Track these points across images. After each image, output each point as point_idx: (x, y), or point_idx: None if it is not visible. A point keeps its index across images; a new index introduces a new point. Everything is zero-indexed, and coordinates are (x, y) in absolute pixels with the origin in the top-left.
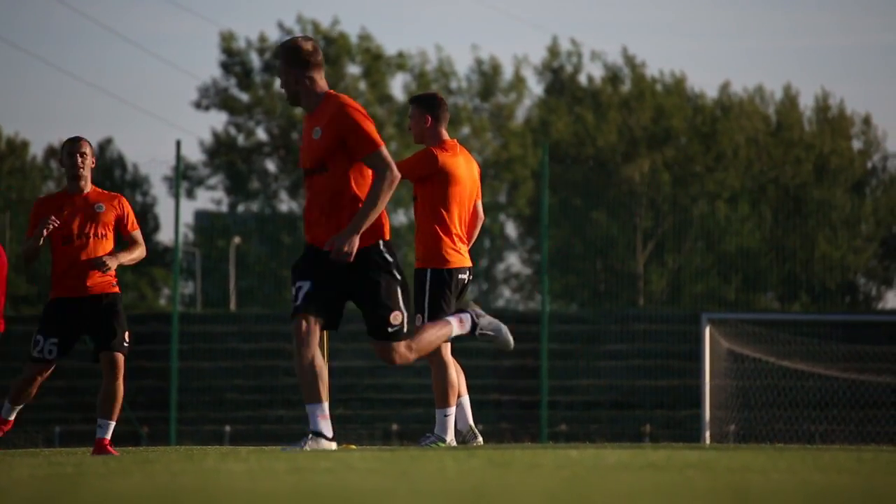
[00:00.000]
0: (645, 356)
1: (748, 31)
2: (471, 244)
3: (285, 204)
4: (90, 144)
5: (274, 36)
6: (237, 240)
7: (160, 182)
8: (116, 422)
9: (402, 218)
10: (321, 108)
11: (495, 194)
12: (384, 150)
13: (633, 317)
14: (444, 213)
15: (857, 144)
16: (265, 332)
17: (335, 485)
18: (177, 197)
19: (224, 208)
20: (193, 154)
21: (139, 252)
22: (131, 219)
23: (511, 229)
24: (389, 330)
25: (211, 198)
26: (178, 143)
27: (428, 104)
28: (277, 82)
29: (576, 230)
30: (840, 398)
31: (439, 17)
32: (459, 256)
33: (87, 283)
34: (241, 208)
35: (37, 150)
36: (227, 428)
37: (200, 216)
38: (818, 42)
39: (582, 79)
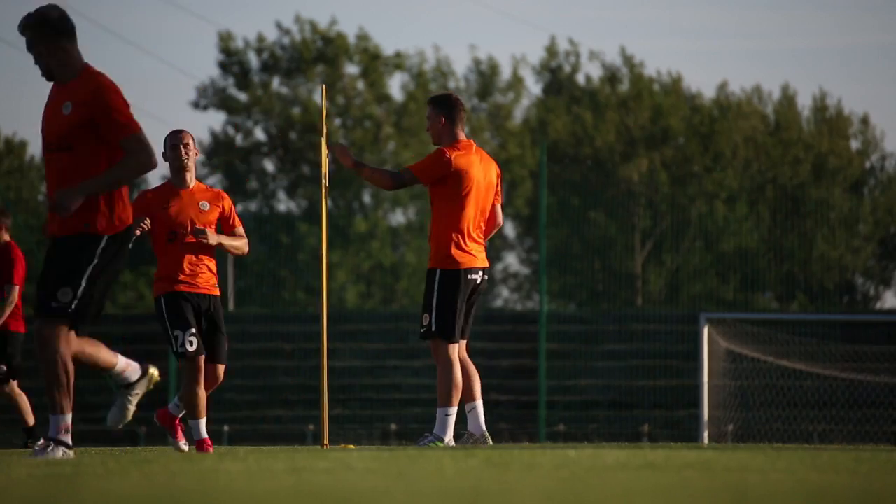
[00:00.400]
0: (643, 356)
1: (746, 31)
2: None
3: (283, 204)
4: (192, 136)
5: (272, 36)
6: None
7: (158, 182)
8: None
9: (399, 218)
10: (76, 84)
11: None
12: (142, 135)
13: (632, 317)
14: (456, 213)
15: (855, 144)
16: (263, 332)
17: (333, 485)
18: None
19: None
20: None
21: (242, 243)
22: (234, 216)
23: (509, 229)
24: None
25: None
26: None
27: (442, 104)
28: (275, 82)
29: (574, 230)
30: (838, 398)
31: (437, 17)
32: (471, 257)
33: (195, 282)
34: (239, 208)
35: (35, 150)
36: (226, 428)
37: None
38: (816, 42)
39: (580, 79)
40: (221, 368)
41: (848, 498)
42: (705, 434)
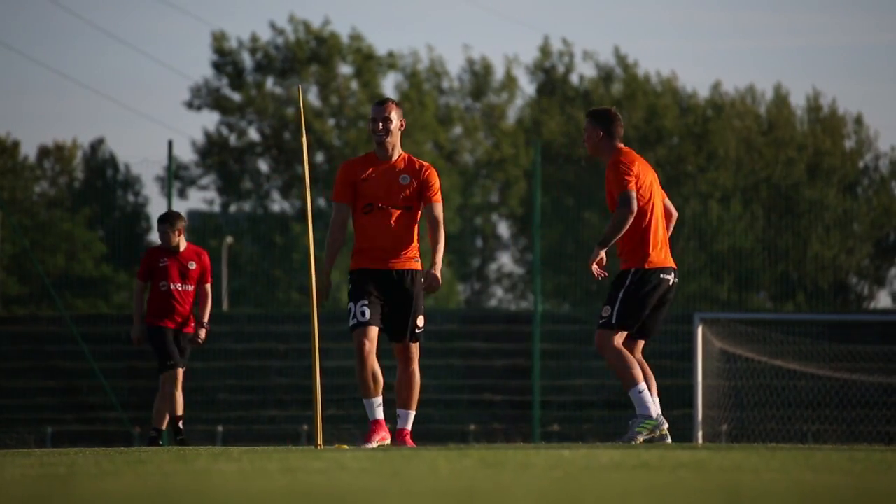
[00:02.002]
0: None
1: (739, 31)
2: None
3: (277, 204)
4: (398, 106)
5: (266, 36)
6: (229, 240)
7: (152, 182)
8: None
9: None
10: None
11: (487, 194)
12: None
13: None
14: (645, 214)
15: (849, 144)
16: (257, 332)
17: (327, 485)
18: (169, 197)
19: (216, 208)
20: (185, 154)
21: (440, 232)
22: (435, 190)
23: (503, 229)
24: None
25: (203, 198)
26: (170, 143)
27: (600, 118)
28: (269, 82)
29: (568, 230)
30: (832, 398)
31: (431, 17)
32: (662, 258)
33: (389, 258)
34: (233, 208)
35: (28, 150)
36: (220, 428)
37: (192, 216)
38: (809, 41)
39: (574, 79)
40: (412, 347)
41: (842, 498)
42: (699, 434)
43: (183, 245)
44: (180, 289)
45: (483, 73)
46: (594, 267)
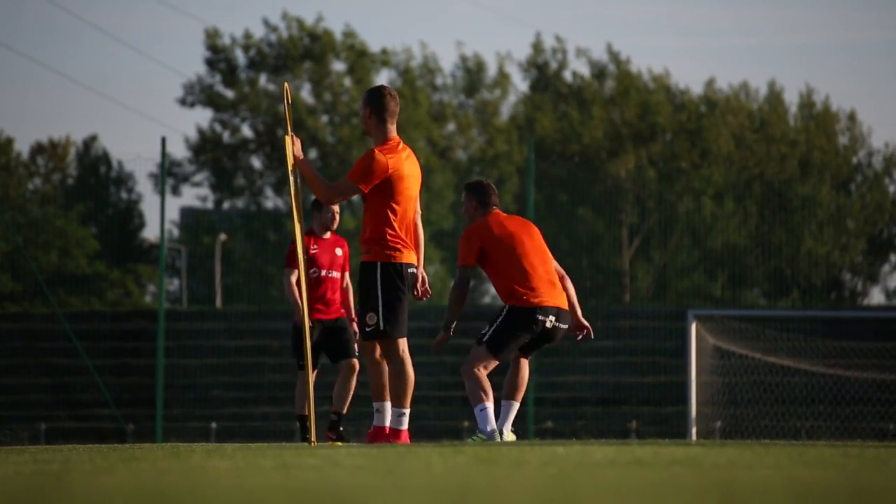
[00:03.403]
0: (631, 353)
1: (733, 28)
2: None
3: (271, 201)
4: None
5: (259, 33)
6: (223, 237)
7: (145, 179)
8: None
9: None
10: None
11: None
12: None
13: (619, 313)
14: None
15: (842, 140)
16: (251, 329)
17: (322, 481)
18: (162, 194)
19: (209, 205)
20: (179, 151)
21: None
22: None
23: None
24: None
25: (196, 195)
26: (164, 140)
27: (470, 188)
28: (262, 78)
29: (561, 226)
30: (826, 394)
31: (424, 14)
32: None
33: None
34: (226, 205)
35: (22, 147)
36: (213, 425)
37: (186, 213)
38: (803, 38)
39: (567, 75)
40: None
41: (836, 494)
42: (693, 430)
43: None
44: (333, 275)
45: (476, 69)
46: (436, 344)
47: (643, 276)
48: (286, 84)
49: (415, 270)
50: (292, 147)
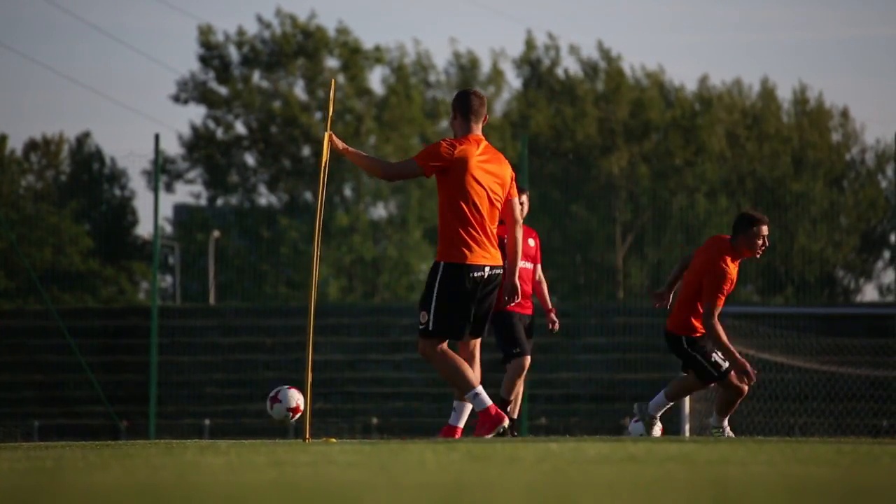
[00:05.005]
0: (624, 349)
1: (726, 24)
2: None
3: (264, 198)
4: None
5: (253, 29)
6: (216, 234)
7: (139, 176)
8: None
9: (381, 212)
10: None
11: None
12: None
13: (613, 310)
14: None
15: (835, 137)
16: (244, 325)
17: (315, 478)
18: (155, 191)
19: (203, 202)
20: (172, 148)
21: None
22: None
23: None
24: None
25: (190, 192)
26: (157, 137)
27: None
28: (256, 75)
29: (555, 223)
30: (819, 391)
31: (417, 11)
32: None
33: None
34: (220, 202)
35: (15, 144)
36: (207, 422)
37: (179, 210)
38: (796, 35)
39: (559, 72)
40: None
41: (829, 490)
42: (686, 427)
43: None
44: (525, 266)
45: (470, 66)
46: None
47: (636, 272)
48: (333, 81)
49: (486, 273)
50: (331, 145)
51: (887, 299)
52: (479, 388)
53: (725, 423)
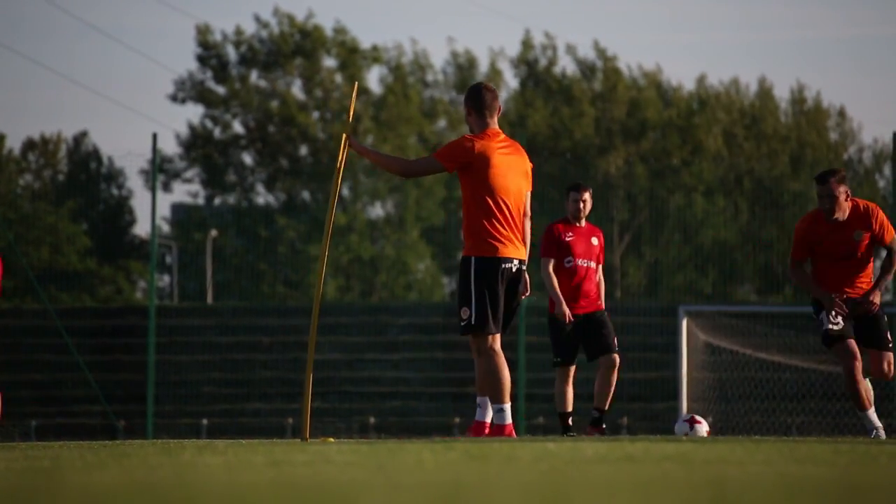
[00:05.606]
0: (622, 348)
1: (723, 24)
2: None
3: (262, 197)
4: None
5: (250, 29)
6: (214, 233)
7: (136, 175)
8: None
9: (378, 211)
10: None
11: None
12: None
13: (610, 309)
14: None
15: (833, 136)
16: (242, 325)
17: (313, 477)
18: (153, 190)
19: (200, 201)
20: (170, 147)
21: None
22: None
23: None
24: None
25: (187, 191)
26: (155, 136)
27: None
28: (254, 75)
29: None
30: (816, 390)
31: (414, 11)
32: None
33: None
34: (217, 201)
35: (13, 144)
36: (205, 421)
37: (177, 209)
38: (794, 35)
39: (556, 72)
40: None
41: (826, 490)
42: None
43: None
44: (589, 265)
45: (467, 65)
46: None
47: (634, 272)
48: (356, 84)
49: (514, 266)
50: (348, 147)
51: (885, 299)
52: (507, 406)
53: (869, 415)
